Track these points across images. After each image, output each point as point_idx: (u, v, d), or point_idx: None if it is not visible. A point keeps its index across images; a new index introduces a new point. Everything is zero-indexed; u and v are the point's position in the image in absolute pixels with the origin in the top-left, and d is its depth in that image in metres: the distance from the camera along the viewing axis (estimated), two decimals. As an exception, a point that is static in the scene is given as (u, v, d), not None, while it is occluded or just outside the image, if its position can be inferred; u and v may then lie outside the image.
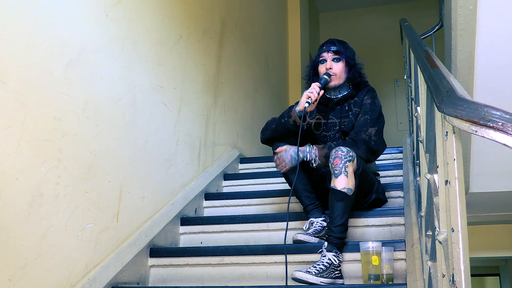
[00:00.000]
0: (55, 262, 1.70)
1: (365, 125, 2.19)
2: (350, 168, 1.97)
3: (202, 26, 3.11)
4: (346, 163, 1.96)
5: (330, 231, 1.94)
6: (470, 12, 2.28)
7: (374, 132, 2.16)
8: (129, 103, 2.21)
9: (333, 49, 2.31)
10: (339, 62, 2.30)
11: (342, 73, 2.31)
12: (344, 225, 1.94)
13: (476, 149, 2.79)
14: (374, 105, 2.25)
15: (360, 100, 2.28)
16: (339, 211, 1.93)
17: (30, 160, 1.61)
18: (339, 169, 1.96)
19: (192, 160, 2.84)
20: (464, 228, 0.87)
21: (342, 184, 1.94)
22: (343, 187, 1.94)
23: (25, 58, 1.62)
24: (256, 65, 4.34)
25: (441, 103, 0.93)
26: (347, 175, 1.95)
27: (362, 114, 2.24)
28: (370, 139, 2.14)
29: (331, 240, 1.92)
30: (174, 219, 2.47)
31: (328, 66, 2.30)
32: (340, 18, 7.01)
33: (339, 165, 1.96)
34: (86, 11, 1.95)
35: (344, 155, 1.97)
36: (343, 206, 1.94)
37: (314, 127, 2.34)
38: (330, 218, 1.96)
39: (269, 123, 2.35)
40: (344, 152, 1.97)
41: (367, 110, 2.24)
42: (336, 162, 1.97)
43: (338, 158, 1.97)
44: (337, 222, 1.93)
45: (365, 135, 2.15)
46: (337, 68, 2.30)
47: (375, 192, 2.23)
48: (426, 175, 1.22)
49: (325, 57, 2.32)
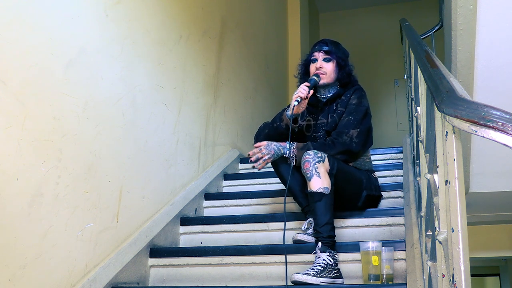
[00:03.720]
0: (55, 262, 1.70)
1: (348, 126, 2.19)
2: (321, 169, 1.99)
3: (202, 26, 3.11)
4: (315, 164, 1.98)
5: (318, 233, 1.95)
6: (470, 12, 2.28)
7: (356, 134, 2.17)
8: (129, 103, 2.21)
9: (324, 49, 2.34)
10: (329, 62, 2.33)
11: (332, 73, 2.33)
12: (330, 223, 1.95)
13: (476, 149, 2.79)
14: (359, 106, 2.25)
15: (346, 100, 2.29)
16: (321, 211, 1.95)
17: (30, 160, 1.61)
18: (310, 172, 1.98)
19: (192, 160, 2.85)
20: (464, 228, 0.87)
21: (316, 185, 1.97)
22: (318, 187, 1.97)
23: (25, 58, 1.62)
24: (256, 65, 4.34)
25: (441, 103, 0.93)
26: (320, 175, 1.98)
27: (346, 114, 2.24)
28: (351, 141, 2.15)
29: (321, 241, 1.93)
30: (174, 219, 2.47)
31: (319, 65, 2.32)
32: (340, 18, 7.01)
33: (309, 168, 1.99)
34: (86, 11, 1.95)
35: (312, 157, 1.99)
36: (323, 205, 1.96)
37: (305, 129, 2.36)
38: (314, 220, 1.98)
39: (261, 128, 2.37)
40: (311, 155, 2.00)
41: (351, 111, 2.24)
42: (306, 166, 2.00)
43: (307, 162, 2.00)
44: (321, 221, 1.94)
45: (346, 137, 2.16)
46: (327, 68, 2.32)
47: (364, 188, 2.22)
48: (426, 175, 1.22)
49: (316, 56, 2.35)
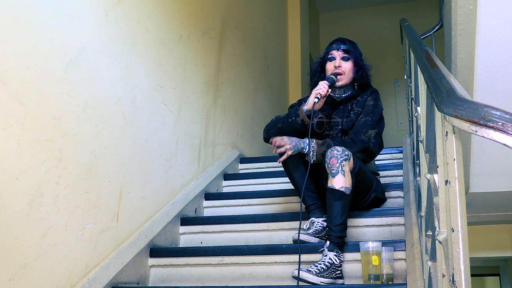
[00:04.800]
0: (55, 262, 1.70)
1: (365, 126, 2.19)
2: (346, 167, 1.97)
3: (202, 26, 3.11)
4: (342, 162, 1.96)
5: (330, 230, 1.94)
6: (470, 12, 2.28)
7: (373, 134, 2.17)
8: (129, 103, 2.21)
9: (343, 48, 2.32)
10: (348, 61, 2.31)
11: (350, 72, 2.32)
12: (344, 224, 1.94)
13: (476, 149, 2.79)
14: (376, 107, 2.26)
15: (363, 101, 2.29)
16: (338, 210, 1.93)
17: (30, 160, 1.61)
18: (335, 168, 1.96)
19: (192, 160, 2.84)
20: (464, 228, 0.87)
21: (339, 183, 1.94)
22: (341, 186, 1.94)
23: (25, 58, 1.62)
24: (256, 65, 4.34)
25: (441, 103, 0.93)
26: (344, 174, 1.95)
27: (363, 115, 2.24)
28: (369, 140, 2.15)
29: (332, 240, 1.92)
30: (174, 219, 2.47)
31: (337, 64, 2.30)
32: (340, 18, 7.01)
33: (335, 165, 1.96)
34: (86, 11, 1.95)
35: (340, 154, 1.97)
36: (341, 205, 1.94)
37: (316, 126, 2.34)
38: (329, 217, 1.96)
39: (273, 121, 2.33)
40: (340, 152, 1.97)
41: (369, 112, 2.24)
42: (333, 161, 1.97)
43: (334, 158, 1.97)
44: (336, 221, 1.93)
45: (365, 136, 2.16)
46: (346, 67, 2.30)
47: (374, 191, 2.23)
48: (426, 175, 1.22)
49: (334, 55, 2.33)
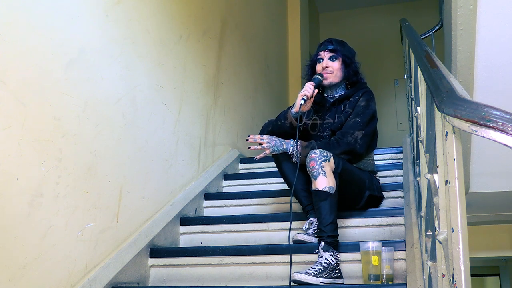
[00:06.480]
0: (55, 262, 1.70)
1: (353, 127, 2.21)
2: (327, 168, 1.99)
3: (202, 26, 3.11)
4: (322, 163, 1.99)
5: (321, 231, 1.95)
6: (470, 12, 2.28)
7: (360, 135, 2.18)
8: (129, 103, 2.21)
9: (329, 48, 2.34)
10: (335, 60, 2.33)
11: (338, 71, 2.33)
12: (334, 223, 1.96)
13: (476, 149, 2.79)
14: (367, 108, 2.26)
15: (354, 101, 2.30)
16: (326, 210, 1.95)
17: (30, 160, 1.61)
18: (316, 170, 1.99)
19: (192, 160, 2.84)
20: (464, 228, 0.87)
21: (322, 184, 1.97)
22: (324, 186, 1.97)
23: (25, 58, 1.62)
24: (256, 65, 4.34)
25: (441, 103, 0.93)
26: (326, 174, 1.98)
27: (353, 116, 2.25)
28: (355, 142, 2.17)
29: (324, 240, 1.93)
30: (174, 219, 2.47)
31: (324, 64, 2.33)
32: (340, 18, 7.01)
33: (315, 167, 1.99)
34: (86, 11, 1.95)
35: (318, 156, 2.00)
36: (328, 204, 1.96)
37: (310, 128, 2.36)
38: (319, 219, 1.98)
39: (265, 125, 2.38)
40: (318, 154, 2.00)
41: (359, 112, 2.25)
42: (312, 164, 2.00)
43: (313, 161, 2.00)
44: (326, 221, 1.95)
45: (351, 137, 2.17)
46: (334, 67, 2.33)
47: (367, 189, 2.23)
48: (426, 175, 1.22)
49: (322, 55, 2.36)
